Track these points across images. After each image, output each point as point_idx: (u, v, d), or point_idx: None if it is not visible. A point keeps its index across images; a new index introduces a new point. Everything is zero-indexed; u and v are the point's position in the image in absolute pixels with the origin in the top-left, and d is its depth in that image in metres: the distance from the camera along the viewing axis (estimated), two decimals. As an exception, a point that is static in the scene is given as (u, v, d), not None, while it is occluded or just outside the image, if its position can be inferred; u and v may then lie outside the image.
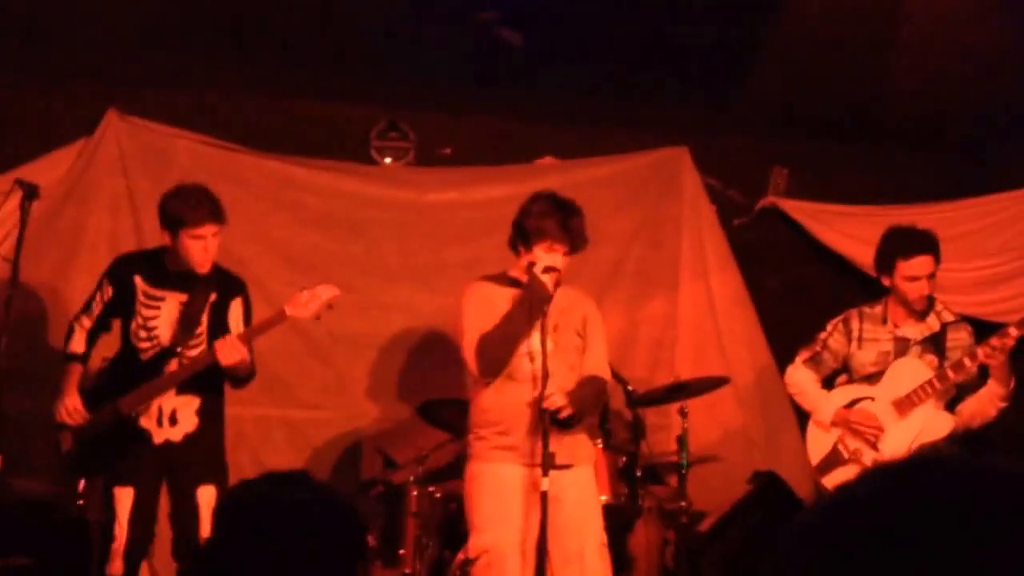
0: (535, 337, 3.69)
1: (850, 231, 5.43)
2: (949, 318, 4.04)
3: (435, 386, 5.17)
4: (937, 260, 4.00)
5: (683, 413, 4.64)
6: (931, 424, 3.88)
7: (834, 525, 0.88)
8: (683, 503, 4.61)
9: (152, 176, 5.17)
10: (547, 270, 3.70)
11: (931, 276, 3.96)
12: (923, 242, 3.97)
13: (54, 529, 4.05)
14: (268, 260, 5.24)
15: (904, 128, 5.61)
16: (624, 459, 4.46)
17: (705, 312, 5.41)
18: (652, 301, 5.38)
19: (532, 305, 3.67)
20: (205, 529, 3.82)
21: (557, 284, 3.75)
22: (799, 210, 5.60)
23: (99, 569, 3.88)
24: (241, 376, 3.97)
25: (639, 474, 4.53)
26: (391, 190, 5.41)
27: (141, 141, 5.22)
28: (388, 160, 5.50)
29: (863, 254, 4.76)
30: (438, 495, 4.49)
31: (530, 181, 5.33)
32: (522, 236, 3.79)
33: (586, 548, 3.62)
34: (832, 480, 3.97)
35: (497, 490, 3.69)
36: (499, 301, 3.79)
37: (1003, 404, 3.89)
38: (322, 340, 5.20)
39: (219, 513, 1.79)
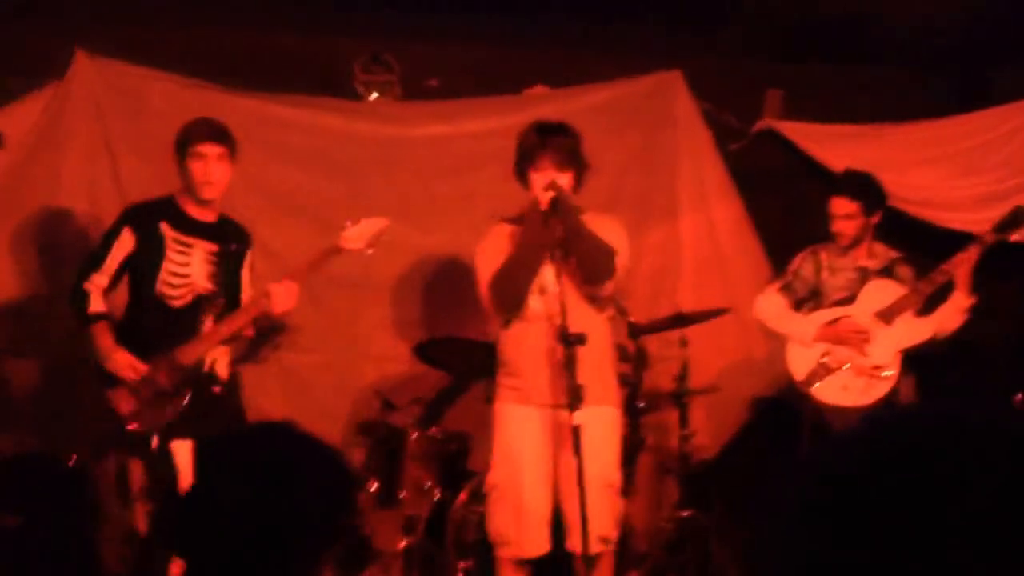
0: (546, 271, 3.61)
1: (848, 152, 5.30)
2: (896, 254, 4.41)
3: (430, 325, 5.10)
4: (863, 204, 4.34)
5: (683, 343, 4.59)
6: (913, 331, 4.22)
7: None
8: (686, 433, 4.57)
9: (127, 119, 5.02)
10: (546, 188, 3.60)
11: (850, 217, 4.31)
12: (846, 182, 4.39)
13: (43, 487, 3.96)
14: (251, 202, 5.09)
15: (900, 45, 5.47)
16: (626, 391, 4.40)
17: (706, 239, 5.31)
18: (651, 230, 5.27)
19: (533, 228, 3.57)
20: None
21: (559, 204, 3.59)
22: (796, 132, 5.47)
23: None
24: (284, 321, 4.04)
25: (642, 406, 4.48)
26: (376, 126, 5.26)
27: (113, 83, 5.04)
28: (373, 94, 5.34)
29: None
30: (437, 436, 4.45)
31: (520, 112, 5.20)
32: (518, 170, 3.75)
33: (588, 487, 3.46)
34: (821, 390, 4.23)
35: (510, 430, 3.68)
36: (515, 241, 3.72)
37: (966, 316, 4.23)
38: (314, 282, 5.07)
39: (199, 466, 1.72)
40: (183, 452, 3.77)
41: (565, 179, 3.65)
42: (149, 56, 5.06)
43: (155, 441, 3.82)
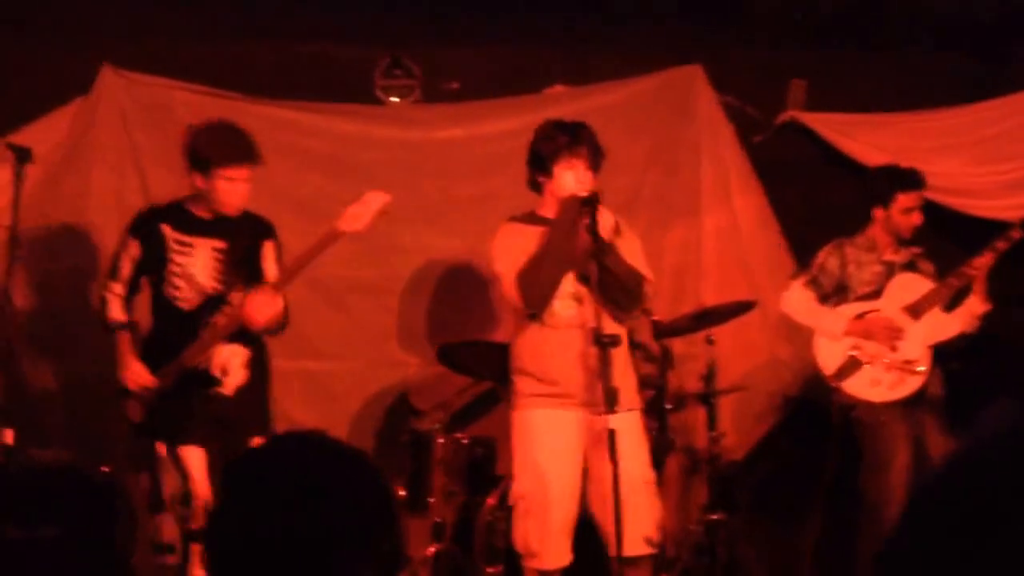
0: (570, 278, 3.57)
1: (874, 140, 5.25)
2: (917, 250, 4.41)
3: (453, 328, 5.10)
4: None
5: (710, 341, 4.57)
6: (941, 326, 4.23)
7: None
8: (714, 433, 4.54)
9: (153, 131, 5.08)
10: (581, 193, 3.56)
11: (921, 208, 4.35)
12: (918, 176, 4.37)
13: (78, 497, 4.01)
14: (275, 208, 5.09)
15: (922, 30, 5.37)
16: (652, 392, 4.38)
17: (729, 236, 5.25)
18: (673, 228, 5.24)
19: (567, 223, 3.51)
20: None
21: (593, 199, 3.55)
22: (820, 123, 5.38)
23: (183, 527, 3.81)
24: (276, 328, 3.85)
25: (669, 407, 4.46)
26: (397, 130, 5.27)
27: (139, 96, 5.11)
28: (393, 99, 5.35)
29: (892, 162, 4.70)
30: (464, 441, 4.45)
31: (540, 111, 5.16)
32: (539, 164, 3.68)
33: (629, 489, 3.44)
34: (851, 385, 4.19)
35: (538, 437, 3.61)
36: (530, 239, 3.64)
37: (978, 322, 4.26)
38: (336, 289, 5.11)
39: (230, 480, 1.63)
40: (194, 458, 3.76)
41: (592, 177, 3.62)
42: (173, 68, 5.11)
43: (162, 449, 3.80)
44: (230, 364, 3.83)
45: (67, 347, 4.92)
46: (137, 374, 3.80)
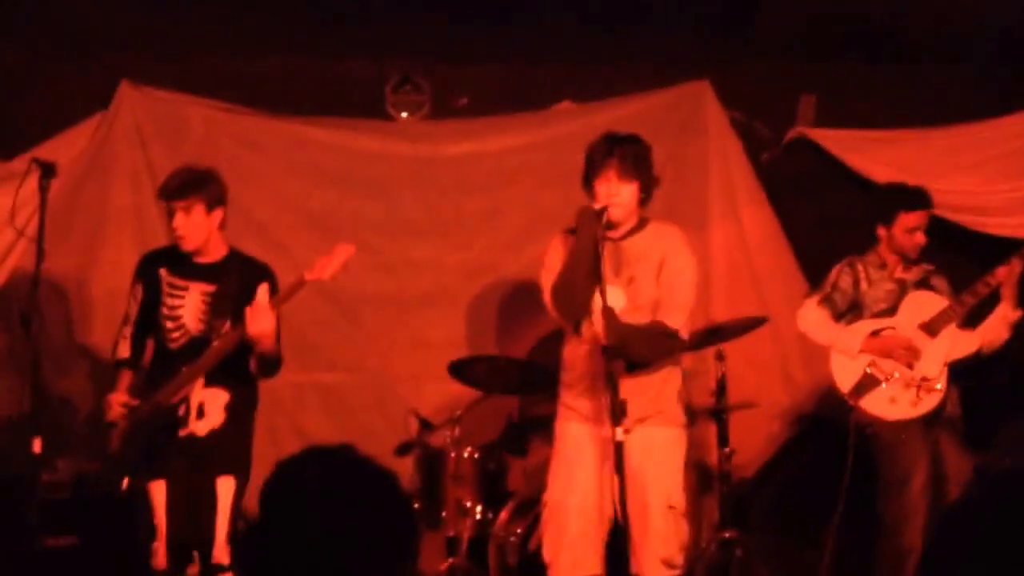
0: (611, 292, 3.51)
1: (884, 157, 5.25)
2: (929, 267, 4.39)
3: (466, 341, 5.14)
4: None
5: (720, 357, 4.58)
6: (959, 343, 4.21)
7: None
8: (725, 450, 4.55)
9: (169, 146, 5.13)
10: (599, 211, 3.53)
11: (926, 228, 4.32)
12: (923, 196, 4.33)
13: (101, 508, 4.03)
14: (289, 223, 5.19)
15: (934, 44, 5.38)
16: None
17: (737, 250, 5.27)
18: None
19: (586, 239, 3.46)
20: (222, 521, 3.71)
21: (609, 217, 3.52)
22: (830, 139, 5.40)
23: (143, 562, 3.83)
24: (269, 355, 3.83)
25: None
26: (408, 145, 5.31)
27: (156, 111, 5.18)
28: (404, 115, 5.39)
29: (899, 180, 4.66)
30: (476, 455, 4.46)
31: (548, 128, 5.25)
32: (585, 180, 3.67)
33: (649, 509, 3.44)
34: (868, 402, 4.16)
35: (564, 447, 3.66)
36: None
37: (1011, 330, 4.25)
38: (350, 302, 5.14)
39: (265, 494, 1.70)
40: (158, 493, 3.77)
41: (629, 190, 3.59)
42: (190, 84, 5.17)
43: (125, 481, 3.82)
44: (208, 406, 3.84)
45: (89, 358, 4.96)
46: (112, 403, 3.86)
